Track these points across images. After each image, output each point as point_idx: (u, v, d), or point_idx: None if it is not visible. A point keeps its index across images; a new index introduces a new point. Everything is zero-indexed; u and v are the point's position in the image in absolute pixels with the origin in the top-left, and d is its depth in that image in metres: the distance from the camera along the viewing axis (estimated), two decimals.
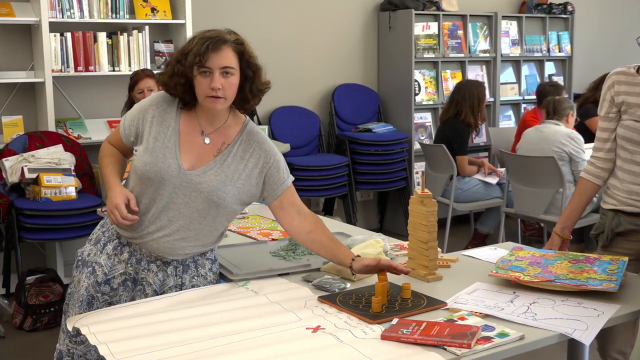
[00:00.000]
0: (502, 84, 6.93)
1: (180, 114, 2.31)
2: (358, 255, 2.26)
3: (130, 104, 4.24)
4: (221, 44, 2.22)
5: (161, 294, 2.32)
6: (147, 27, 5.12)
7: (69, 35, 4.82)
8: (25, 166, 4.32)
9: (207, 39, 2.21)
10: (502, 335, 1.81)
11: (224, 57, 2.21)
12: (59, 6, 4.79)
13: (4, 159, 4.43)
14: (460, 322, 1.89)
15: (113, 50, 5.00)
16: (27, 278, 4.36)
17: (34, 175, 4.34)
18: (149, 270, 2.33)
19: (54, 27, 4.77)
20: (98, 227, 2.44)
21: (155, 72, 4.41)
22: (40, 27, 4.70)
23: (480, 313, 1.96)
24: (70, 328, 2.04)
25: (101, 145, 2.45)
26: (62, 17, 4.79)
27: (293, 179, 2.39)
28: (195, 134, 2.29)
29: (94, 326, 1.97)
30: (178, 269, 2.34)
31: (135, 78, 4.24)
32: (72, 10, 4.83)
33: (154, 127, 2.28)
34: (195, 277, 2.36)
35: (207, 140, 2.29)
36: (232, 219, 2.41)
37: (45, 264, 4.98)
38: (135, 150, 2.31)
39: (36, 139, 4.68)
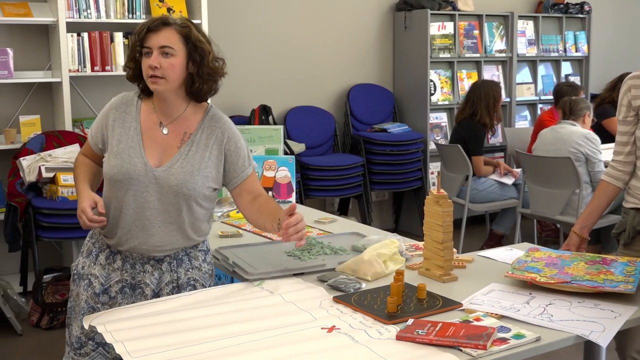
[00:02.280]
0: (518, 84, 6.90)
1: (140, 110, 2.35)
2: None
3: None
4: (161, 25, 2.28)
5: (158, 291, 2.35)
6: None
7: (85, 35, 4.85)
8: (43, 165, 4.35)
9: (149, 22, 2.29)
10: (518, 336, 1.80)
11: (163, 36, 2.26)
12: (76, 6, 4.81)
13: (21, 158, 4.46)
14: (475, 323, 1.89)
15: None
16: (44, 276, 4.39)
17: (51, 175, 4.37)
18: (144, 271, 2.35)
19: (71, 27, 4.80)
20: (87, 238, 2.45)
21: None
22: (57, 27, 4.73)
23: (496, 314, 1.95)
24: (86, 326, 2.05)
25: (75, 159, 2.49)
26: (79, 17, 4.82)
27: (255, 166, 2.43)
28: (156, 128, 2.33)
29: (110, 324, 1.98)
30: (172, 264, 2.36)
31: None
32: (89, 11, 4.85)
33: (116, 130, 2.32)
34: (190, 270, 2.38)
35: (165, 131, 2.32)
36: (212, 205, 2.41)
37: (62, 262, 5.01)
38: (104, 157, 2.36)
39: (53, 139, 4.71)
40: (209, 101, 2.42)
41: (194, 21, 5.13)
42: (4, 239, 4.56)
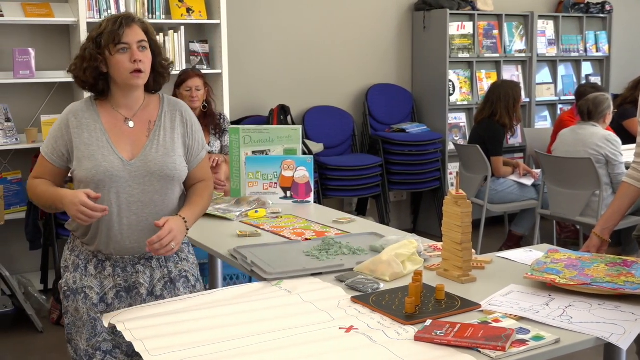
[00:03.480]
0: (538, 84, 6.86)
1: (99, 112, 2.35)
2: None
3: None
4: (131, 21, 2.31)
5: (152, 289, 2.39)
6: (182, 27, 5.16)
7: None
8: None
9: (117, 18, 2.30)
10: (537, 338, 1.79)
11: (136, 32, 2.30)
12: (96, 7, 4.85)
13: None
14: (494, 324, 1.88)
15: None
16: None
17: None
18: (137, 272, 2.39)
19: (92, 27, 4.82)
20: (68, 254, 2.44)
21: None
22: (78, 28, 4.77)
23: (515, 315, 1.94)
24: (106, 324, 2.07)
25: (27, 186, 2.40)
26: (100, 18, 4.85)
27: (207, 150, 2.50)
28: (120, 124, 2.35)
29: (130, 323, 1.99)
30: (160, 260, 2.42)
31: (184, 76, 4.29)
32: (109, 11, 4.89)
33: (82, 134, 2.32)
34: (180, 262, 2.45)
35: (131, 124, 2.35)
36: (183, 188, 2.47)
37: None
38: (72, 168, 2.34)
39: None
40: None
41: (213, 21, 5.21)
42: (25, 237, 4.61)
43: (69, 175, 2.42)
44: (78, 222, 2.24)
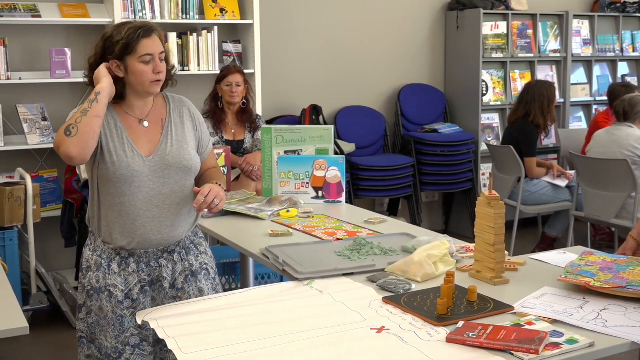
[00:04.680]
0: (572, 84, 6.77)
1: (115, 111, 2.41)
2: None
3: (214, 96, 4.34)
4: (151, 32, 2.36)
5: (173, 282, 2.45)
6: (216, 28, 5.20)
7: None
8: None
9: (137, 28, 2.34)
10: (571, 341, 1.77)
11: (157, 43, 2.37)
12: (131, 7, 4.90)
13: None
14: (527, 327, 1.86)
15: (183, 50, 5.10)
16: None
17: None
18: (160, 266, 2.45)
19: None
20: (89, 254, 2.48)
21: None
22: None
23: (549, 318, 1.92)
24: (139, 321, 2.09)
25: (58, 132, 2.33)
26: (135, 18, 4.90)
27: (213, 141, 2.62)
28: (135, 125, 2.43)
29: (162, 320, 2.01)
30: (181, 253, 2.48)
31: (226, 72, 4.37)
32: (144, 12, 4.94)
33: (103, 130, 2.36)
34: (200, 256, 2.53)
35: (145, 124, 2.43)
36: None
37: None
38: (93, 163, 2.37)
39: None
40: None
41: (246, 22, 5.23)
42: (61, 234, 4.68)
43: (84, 178, 2.46)
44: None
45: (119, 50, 2.33)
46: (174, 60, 5.00)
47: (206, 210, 2.38)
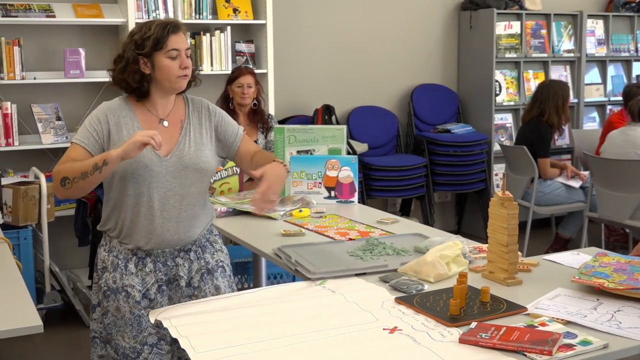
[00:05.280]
0: (586, 84, 6.73)
1: (135, 111, 2.42)
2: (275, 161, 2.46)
3: (225, 97, 4.35)
4: (179, 28, 2.39)
5: (189, 280, 2.47)
6: (229, 28, 5.21)
7: None
8: None
9: (166, 24, 2.37)
10: (584, 343, 1.77)
11: (183, 39, 2.39)
12: (145, 7, 4.93)
13: None
14: (541, 328, 1.85)
15: (196, 50, 5.11)
16: None
17: None
18: (177, 265, 2.46)
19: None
20: (105, 255, 2.48)
21: None
22: (127, 28, 4.84)
23: (562, 319, 1.91)
24: (152, 320, 2.10)
25: (54, 172, 2.34)
26: (148, 18, 4.93)
27: (242, 128, 2.61)
28: (155, 124, 2.43)
29: (175, 319, 2.02)
30: (197, 252, 2.50)
31: (237, 73, 4.38)
32: (157, 11, 4.96)
33: (120, 132, 2.38)
34: (215, 253, 2.54)
35: (165, 124, 2.44)
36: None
37: None
38: None
39: None
40: None
41: (259, 21, 5.24)
42: (74, 233, 4.70)
43: None
44: (146, 139, 2.17)
45: (150, 46, 2.34)
46: None
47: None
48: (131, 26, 4.81)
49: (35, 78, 4.79)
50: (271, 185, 2.34)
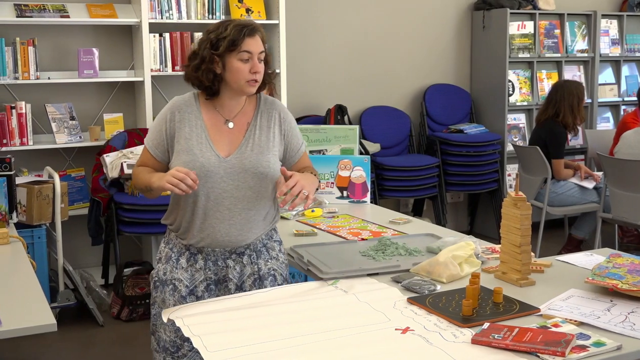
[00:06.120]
0: (600, 84, 6.70)
1: (201, 109, 2.40)
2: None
3: None
4: (255, 32, 2.34)
5: (241, 284, 2.41)
6: None
7: (167, 35, 4.98)
8: (125, 162, 4.48)
9: (242, 26, 2.33)
10: (598, 344, 1.76)
11: (259, 43, 2.35)
12: (158, 7, 4.94)
13: (105, 155, 4.61)
14: (554, 329, 1.85)
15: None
16: (125, 270, 4.52)
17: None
18: (227, 267, 2.41)
19: (154, 27, 4.93)
20: (163, 245, 2.49)
21: None
22: (140, 28, 4.87)
23: (575, 321, 1.91)
24: (165, 319, 2.11)
25: (132, 172, 2.49)
26: (162, 18, 4.95)
27: (306, 144, 2.54)
28: (220, 124, 2.40)
29: (188, 319, 2.02)
30: (252, 256, 2.43)
31: None
32: (170, 12, 4.98)
33: (184, 129, 2.37)
34: (269, 261, 2.45)
35: (230, 125, 2.40)
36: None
37: (142, 256, 5.16)
38: (172, 158, 2.38)
39: (135, 136, 4.85)
40: None
41: (272, 22, 5.25)
42: (88, 233, 4.73)
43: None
44: (168, 187, 2.22)
45: (224, 47, 2.31)
46: None
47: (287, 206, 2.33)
48: (144, 26, 4.84)
49: (49, 78, 4.82)
50: (299, 179, 2.28)
